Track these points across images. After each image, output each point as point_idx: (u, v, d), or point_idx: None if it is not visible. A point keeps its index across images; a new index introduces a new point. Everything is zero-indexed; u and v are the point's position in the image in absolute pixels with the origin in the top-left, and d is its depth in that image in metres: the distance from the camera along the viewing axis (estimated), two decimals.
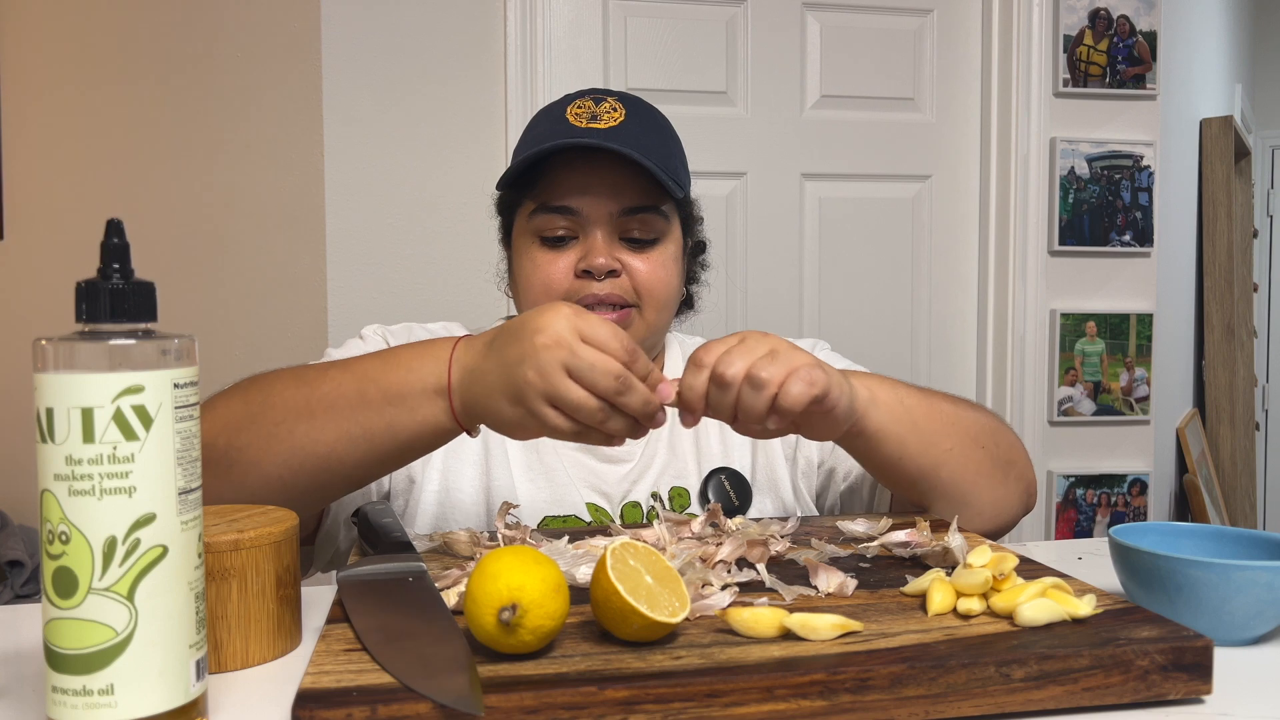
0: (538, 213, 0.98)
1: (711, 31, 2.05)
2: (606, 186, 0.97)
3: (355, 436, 0.75)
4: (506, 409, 0.71)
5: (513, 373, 0.70)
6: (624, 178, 0.97)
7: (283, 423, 0.77)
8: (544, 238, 0.99)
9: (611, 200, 0.97)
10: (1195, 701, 0.57)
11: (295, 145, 1.86)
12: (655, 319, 1.01)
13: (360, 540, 0.80)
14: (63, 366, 0.49)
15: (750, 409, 0.74)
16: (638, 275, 0.98)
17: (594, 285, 0.96)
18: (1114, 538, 0.72)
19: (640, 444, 1.06)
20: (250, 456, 0.77)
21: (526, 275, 1.00)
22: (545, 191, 0.98)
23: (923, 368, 2.19)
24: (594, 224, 0.97)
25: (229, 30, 1.92)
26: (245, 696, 0.58)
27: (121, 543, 0.48)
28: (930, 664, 0.54)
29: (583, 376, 0.69)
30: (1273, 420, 4.91)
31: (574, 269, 0.97)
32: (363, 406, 0.75)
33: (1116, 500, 2.18)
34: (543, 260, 0.98)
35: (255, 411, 0.78)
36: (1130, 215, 2.16)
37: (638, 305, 0.99)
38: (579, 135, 0.95)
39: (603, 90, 1.03)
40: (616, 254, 0.97)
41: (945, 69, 2.17)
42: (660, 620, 0.55)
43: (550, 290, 0.98)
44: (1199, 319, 2.99)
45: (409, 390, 0.74)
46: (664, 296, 1.00)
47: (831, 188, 2.13)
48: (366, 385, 0.75)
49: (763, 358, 0.74)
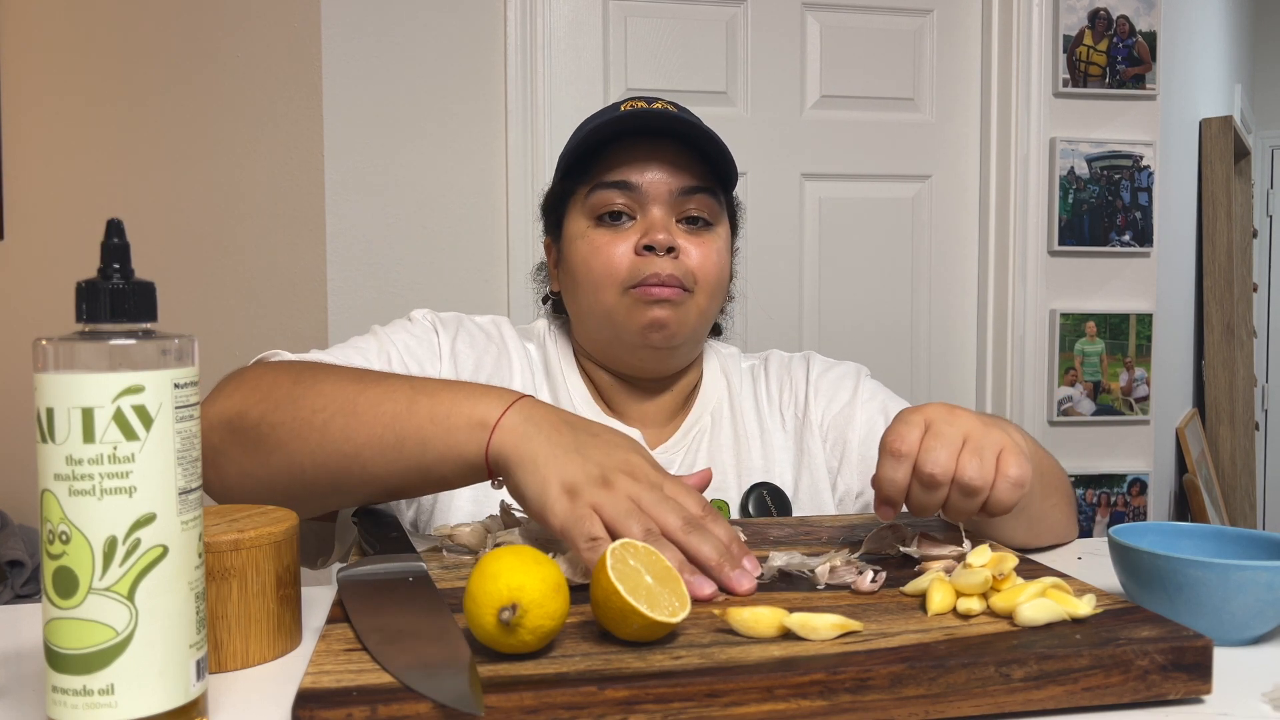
0: (595, 190, 0.98)
1: (711, 31, 2.05)
2: (666, 164, 0.97)
3: (387, 444, 0.73)
4: (551, 491, 0.68)
5: (585, 470, 0.68)
6: (683, 157, 0.98)
7: (323, 410, 0.74)
8: (601, 216, 0.98)
9: (671, 177, 0.97)
10: (1195, 701, 0.57)
11: (295, 145, 1.86)
12: (707, 305, 1.00)
13: (360, 540, 0.80)
14: (63, 366, 0.49)
15: (959, 512, 0.73)
16: (693, 258, 0.98)
17: (655, 262, 0.95)
18: (1114, 538, 0.72)
19: (679, 453, 1.05)
20: (281, 437, 0.75)
21: (585, 258, 0.98)
22: (603, 170, 0.98)
23: (923, 368, 2.19)
24: (653, 201, 0.97)
25: (229, 31, 1.92)
26: (245, 696, 0.58)
27: (122, 543, 0.48)
28: (930, 664, 0.54)
29: (632, 516, 0.66)
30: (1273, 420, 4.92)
31: (634, 248, 0.97)
32: (408, 416, 0.73)
33: (1116, 500, 2.18)
34: (601, 242, 0.97)
35: (300, 394, 0.76)
36: (1130, 215, 2.16)
37: (691, 290, 0.98)
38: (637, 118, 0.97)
39: (654, 98, 1.04)
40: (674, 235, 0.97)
41: (945, 69, 2.17)
42: (660, 620, 0.56)
43: (611, 271, 0.97)
44: (1199, 319, 2.99)
45: (456, 414, 0.72)
46: (716, 282, 1.00)
47: (831, 188, 2.13)
48: (419, 400, 0.74)
49: (967, 455, 0.71)
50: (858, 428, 1.06)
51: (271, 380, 0.78)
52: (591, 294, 0.99)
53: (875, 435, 1.05)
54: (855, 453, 1.05)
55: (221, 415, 0.78)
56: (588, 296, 0.99)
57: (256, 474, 0.76)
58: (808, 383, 1.10)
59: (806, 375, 1.11)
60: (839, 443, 1.06)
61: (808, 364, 1.12)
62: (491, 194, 1.92)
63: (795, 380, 1.11)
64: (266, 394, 0.77)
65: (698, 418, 1.07)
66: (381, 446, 0.73)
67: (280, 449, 0.75)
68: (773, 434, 1.07)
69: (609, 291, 0.97)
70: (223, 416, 0.78)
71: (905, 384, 2.14)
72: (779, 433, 1.08)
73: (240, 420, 0.76)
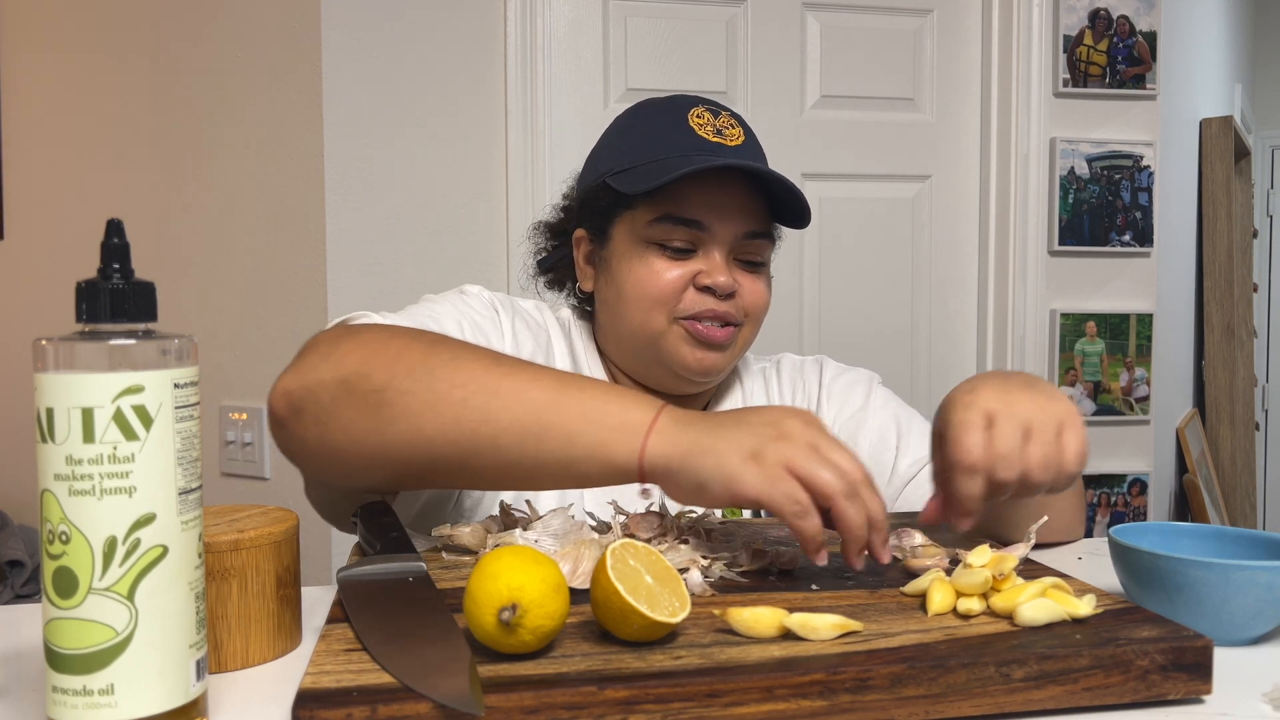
0: (661, 221, 0.97)
1: (711, 31, 2.05)
2: (737, 208, 0.98)
3: (530, 432, 0.70)
4: (733, 461, 0.67)
5: (758, 433, 0.68)
6: (751, 200, 0.99)
7: (462, 386, 0.72)
8: (663, 245, 0.98)
9: (740, 222, 0.98)
10: (1195, 701, 0.57)
11: (295, 145, 1.86)
12: (751, 335, 1.03)
13: (360, 540, 0.80)
14: (63, 366, 0.49)
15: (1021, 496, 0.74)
16: (747, 297, 1.00)
17: (714, 302, 0.97)
18: (1114, 538, 0.72)
19: None
20: (413, 405, 0.71)
21: (639, 278, 0.98)
22: (673, 203, 0.97)
23: (922, 367, 2.19)
24: (717, 242, 0.98)
25: (229, 30, 1.92)
26: (245, 696, 0.58)
27: (122, 543, 0.48)
28: (930, 664, 0.54)
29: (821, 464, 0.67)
30: (1273, 420, 4.92)
31: (690, 281, 0.97)
32: (555, 408, 0.71)
33: (1116, 500, 2.18)
34: (660, 268, 0.97)
35: (437, 365, 0.73)
36: (1130, 215, 2.16)
37: (740, 324, 1.01)
38: (715, 151, 0.96)
39: (711, 100, 1.03)
40: (733, 273, 0.98)
41: (945, 69, 2.17)
42: (660, 620, 0.56)
43: (664, 298, 0.97)
44: (1199, 319, 2.99)
45: (607, 413, 0.70)
46: (761, 318, 1.03)
47: (831, 188, 2.13)
48: (569, 393, 0.71)
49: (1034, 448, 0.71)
50: (869, 434, 1.07)
51: (402, 345, 0.75)
52: (640, 315, 0.99)
53: (886, 445, 1.06)
54: (865, 458, 1.05)
55: (338, 372, 0.74)
56: (635, 316, 0.99)
57: (369, 440, 0.73)
58: (820, 385, 1.11)
59: (820, 379, 1.12)
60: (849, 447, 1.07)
61: (821, 367, 1.14)
62: (491, 194, 1.92)
63: (808, 383, 1.12)
64: (396, 359, 0.74)
65: None
66: (523, 433, 0.70)
67: (407, 418, 0.72)
68: None
69: (659, 318, 0.98)
70: (339, 374, 0.73)
71: (905, 384, 2.14)
72: None
73: (363, 382, 0.72)
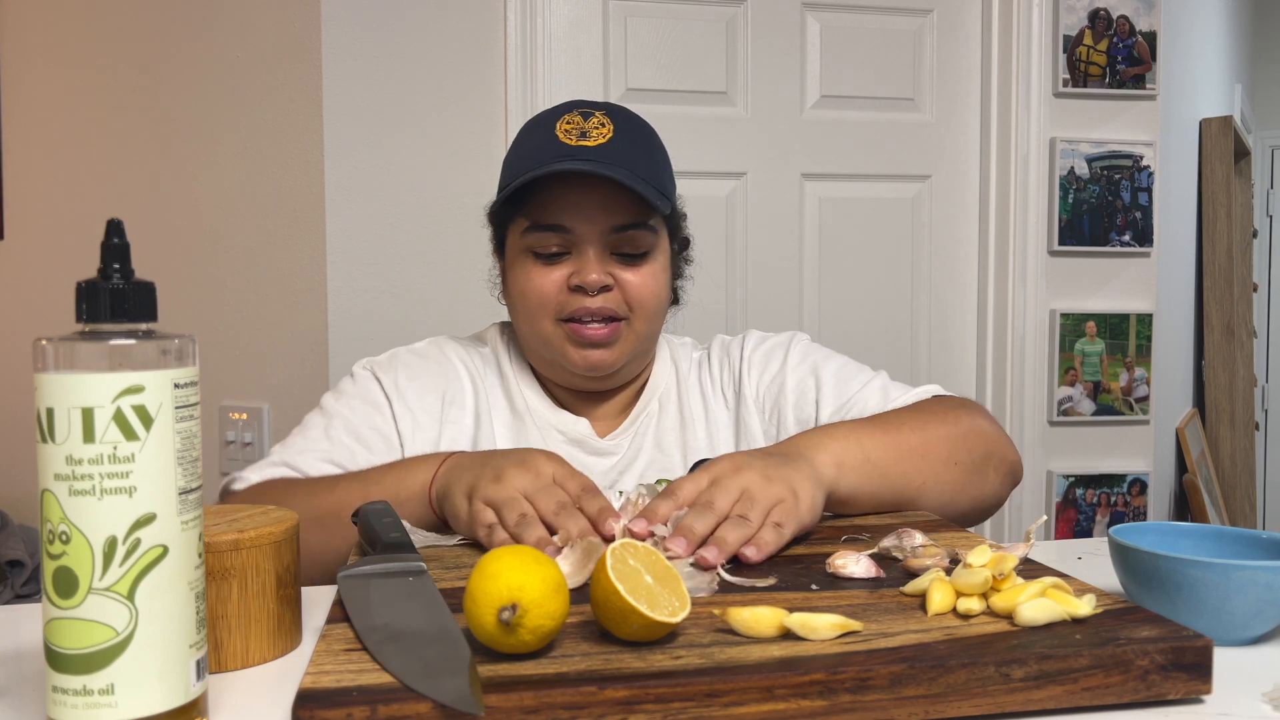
0: (531, 230, 1.02)
1: (711, 31, 2.05)
2: (598, 206, 1.00)
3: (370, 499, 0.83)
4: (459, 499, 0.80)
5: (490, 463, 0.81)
6: (614, 196, 1.00)
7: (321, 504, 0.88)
8: (537, 253, 1.02)
9: (603, 219, 1.00)
10: (1195, 701, 0.57)
11: (295, 145, 1.86)
12: (645, 328, 1.05)
13: (360, 540, 0.80)
14: (63, 366, 0.49)
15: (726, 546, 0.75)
16: (629, 289, 1.02)
17: (586, 300, 1.00)
18: (1114, 537, 0.72)
19: (626, 438, 1.10)
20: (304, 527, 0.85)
21: (521, 288, 1.04)
22: (538, 210, 1.01)
23: (922, 368, 2.19)
24: (586, 241, 1.01)
25: (229, 31, 1.92)
26: (245, 696, 0.58)
27: (122, 543, 0.48)
28: (930, 664, 0.54)
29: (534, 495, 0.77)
30: (1273, 420, 4.92)
31: (566, 283, 1.01)
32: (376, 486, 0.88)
33: (1116, 500, 2.18)
34: (536, 274, 1.02)
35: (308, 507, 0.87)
36: (1130, 215, 2.16)
37: (627, 318, 1.03)
38: (570, 154, 0.98)
39: (590, 104, 1.05)
40: (608, 269, 1.01)
41: (945, 69, 2.17)
42: (660, 620, 0.56)
43: (544, 302, 1.02)
44: (1199, 319, 2.99)
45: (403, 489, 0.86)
46: (654, 307, 1.05)
47: (831, 188, 2.13)
48: (370, 489, 0.87)
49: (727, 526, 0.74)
50: (789, 393, 1.09)
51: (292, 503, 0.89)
52: (530, 322, 1.04)
53: (806, 400, 1.08)
54: (791, 418, 1.09)
55: None
56: (527, 323, 1.05)
57: None
58: (742, 358, 1.14)
59: (742, 351, 1.14)
60: (774, 412, 1.10)
61: (743, 340, 1.16)
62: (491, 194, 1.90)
63: (732, 358, 1.15)
64: None
65: (645, 405, 1.12)
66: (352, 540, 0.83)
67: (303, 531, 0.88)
68: (717, 413, 1.12)
69: (545, 322, 1.03)
70: None
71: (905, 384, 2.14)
72: (722, 411, 1.12)
73: None
